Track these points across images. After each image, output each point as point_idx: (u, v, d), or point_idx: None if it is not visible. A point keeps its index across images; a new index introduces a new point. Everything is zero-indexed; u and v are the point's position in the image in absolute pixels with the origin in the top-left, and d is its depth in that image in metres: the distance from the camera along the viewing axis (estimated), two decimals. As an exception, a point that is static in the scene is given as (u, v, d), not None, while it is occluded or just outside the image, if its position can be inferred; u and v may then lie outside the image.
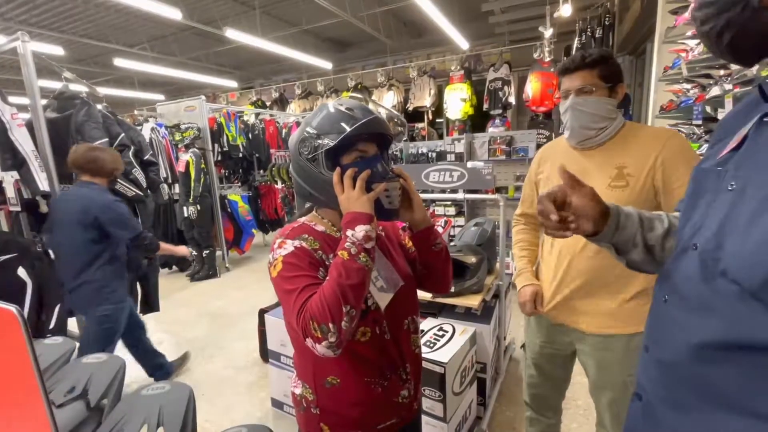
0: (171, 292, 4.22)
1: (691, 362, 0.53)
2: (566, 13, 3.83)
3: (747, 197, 0.49)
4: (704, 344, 0.51)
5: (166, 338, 3.20)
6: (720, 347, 0.49)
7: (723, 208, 0.52)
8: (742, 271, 0.47)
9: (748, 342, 0.46)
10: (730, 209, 0.51)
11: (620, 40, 5.42)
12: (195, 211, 4.31)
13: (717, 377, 0.50)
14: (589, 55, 1.14)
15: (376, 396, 0.91)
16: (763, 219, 0.46)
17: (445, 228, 2.42)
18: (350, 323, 0.75)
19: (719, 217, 0.52)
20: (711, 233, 0.53)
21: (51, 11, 5.78)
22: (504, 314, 2.25)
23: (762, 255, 0.45)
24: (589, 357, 1.26)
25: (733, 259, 0.49)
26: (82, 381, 1.15)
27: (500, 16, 5.92)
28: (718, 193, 0.54)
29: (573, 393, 2.14)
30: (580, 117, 1.15)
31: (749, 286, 0.46)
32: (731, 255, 0.49)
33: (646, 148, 1.12)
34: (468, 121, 6.59)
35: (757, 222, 0.46)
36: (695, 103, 2.13)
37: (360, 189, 0.81)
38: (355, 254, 0.77)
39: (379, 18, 6.46)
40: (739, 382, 0.48)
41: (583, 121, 1.15)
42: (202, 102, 4.71)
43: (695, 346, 0.52)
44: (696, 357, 0.52)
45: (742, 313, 0.47)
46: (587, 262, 1.19)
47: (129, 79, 9.30)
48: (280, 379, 2.13)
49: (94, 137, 2.41)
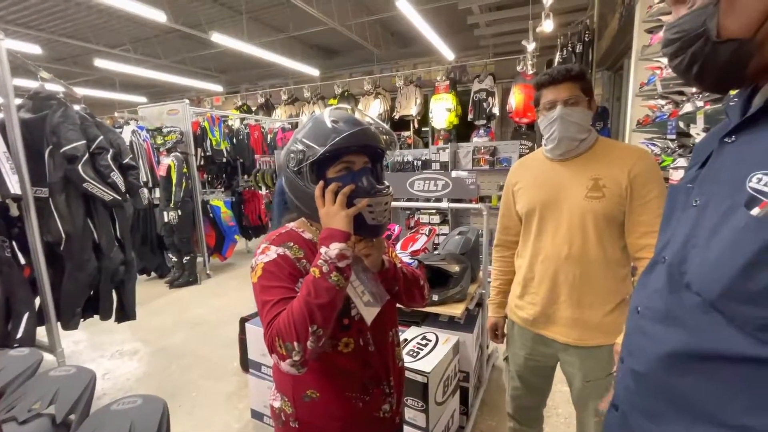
0: (148, 299, 4.10)
1: (662, 373, 0.54)
2: (548, 28, 3.94)
3: (708, 213, 0.52)
4: (672, 354, 0.53)
5: (140, 347, 3.10)
6: (686, 358, 0.51)
7: (688, 223, 0.55)
8: (703, 284, 0.49)
9: (711, 352, 0.48)
10: (694, 224, 0.53)
11: (599, 55, 5.62)
12: (176, 216, 4.22)
13: (686, 388, 0.51)
14: (572, 68, 1.18)
15: (356, 411, 0.89)
16: (722, 233, 0.48)
17: (430, 236, 2.44)
18: (316, 343, 0.73)
19: (685, 232, 0.55)
20: (678, 247, 0.55)
21: (29, 9, 5.61)
22: (487, 323, 2.26)
23: (720, 268, 0.47)
24: (573, 368, 1.27)
25: (695, 272, 0.51)
26: (49, 395, 1.10)
27: (485, 29, 6.05)
28: (685, 209, 0.57)
29: (554, 402, 2.16)
30: (569, 127, 1.17)
31: (710, 297, 0.48)
32: (694, 268, 0.51)
33: (619, 162, 1.16)
34: (453, 130, 6.68)
35: (717, 236, 0.49)
36: (669, 118, 2.21)
37: (340, 205, 0.79)
38: (326, 273, 0.75)
39: (366, 27, 6.52)
40: (707, 392, 0.49)
41: (571, 131, 1.18)
42: (186, 105, 4.63)
43: (664, 356, 0.54)
44: (666, 367, 0.54)
45: (705, 324, 0.49)
46: (572, 273, 1.20)
47: (110, 81, 9.08)
48: (261, 390, 2.08)
49: (71, 139, 2.33)
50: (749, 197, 0.46)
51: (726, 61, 0.51)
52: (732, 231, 0.47)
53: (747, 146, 0.51)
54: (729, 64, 0.51)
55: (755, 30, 0.48)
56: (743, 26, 0.48)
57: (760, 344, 0.44)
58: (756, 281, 0.43)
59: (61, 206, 2.32)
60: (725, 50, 0.50)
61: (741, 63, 0.51)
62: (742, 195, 0.47)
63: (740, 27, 0.49)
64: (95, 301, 2.57)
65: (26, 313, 2.16)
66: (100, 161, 2.45)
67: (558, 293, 1.24)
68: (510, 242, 1.43)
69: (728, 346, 0.46)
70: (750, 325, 0.45)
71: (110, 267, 2.53)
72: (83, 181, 2.32)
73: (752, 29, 0.48)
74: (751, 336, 0.44)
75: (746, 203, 0.46)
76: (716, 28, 0.50)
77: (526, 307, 1.32)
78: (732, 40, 0.49)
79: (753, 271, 0.44)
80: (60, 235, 2.30)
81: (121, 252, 2.61)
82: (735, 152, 0.53)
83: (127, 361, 2.90)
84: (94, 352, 3.04)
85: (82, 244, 2.39)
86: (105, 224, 2.52)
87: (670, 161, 2.23)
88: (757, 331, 0.44)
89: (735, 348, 0.46)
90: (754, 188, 0.46)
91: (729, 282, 0.46)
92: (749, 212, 0.45)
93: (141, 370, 2.77)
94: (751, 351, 0.44)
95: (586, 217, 1.17)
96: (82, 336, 3.23)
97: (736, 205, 0.47)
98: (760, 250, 0.43)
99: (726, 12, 0.49)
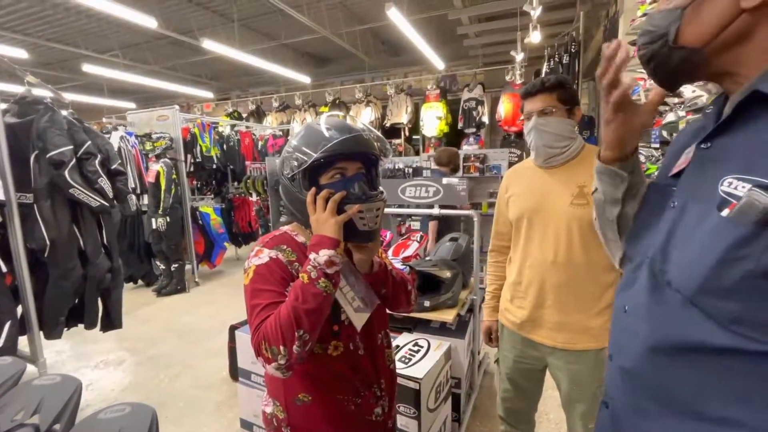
0: (135, 307, 4.01)
1: (648, 368, 0.57)
2: (536, 39, 4.03)
3: (686, 215, 0.55)
4: (656, 349, 0.55)
5: (126, 357, 3.03)
6: (669, 352, 0.54)
7: (668, 223, 0.58)
8: (682, 281, 0.52)
9: (692, 345, 0.51)
10: (673, 225, 0.57)
11: (585, 66, 5.76)
12: (164, 223, 4.16)
13: (670, 382, 0.54)
14: (548, 80, 1.22)
15: (349, 414, 0.89)
16: (697, 234, 0.51)
17: (421, 243, 2.45)
18: (302, 348, 0.74)
19: (665, 232, 0.58)
20: (659, 247, 0.58)
21: (17, 13, 5.54)
22: (478, 329, 2.27)
23: (696, 265, 0.50)
24: (560, 371, 1.29)
25: (675, 269, 0.54)
26: (32, 405, 1.07)
27: (474, 39, 6.17)
28: (664, 210, 0.60)
29: (545, 407, 2.17)
30: (543, 136, 1.22)
31: (688, 294, 0.51)
32: (674, 266, 0.54)
33: None
34: (443, 138, 6.76)
35: (693, 236, 0.52)
36: (653, 127, 2.27)
37: (330, 211, 0.79)
38: (314, 278, 0.75)
39: (358, 36, 6.59)
40: (689, 386, 0.52)
41: (546, 140, 1.22)
42: (176, 112, 4.60)
43: (648, 351, 0.56)
44: (651, 362, 0.56)
45: (685, 318, 0.52)
46: (558, 278, 1.23)
47: (98, 86, 8.97)
48: (250, 399, 2.05)
49: (57, 144, 2.29)
50: (721, 200, 0.49)
51: (675, 66, 0.56)
52: (706, 232, 0.50)
53: (721, 152, 0.54)
54: (678, 68, 0.56)
55: (706, 43, 0.53)
56: (697, 37, 0.53)
57: (734, 335, 0.47)
58: (727, 277, 0.47)
59: (47, 212, 2.27)
60: (677, 55, 0.55)
61: (689, 69, 0.56)
62: (715, 198, 0.50)
63: (695, 37, 0.53)
64: (80, 309, 2.50)
65: (8, 322, 2.09)
66: (87, 167, 2.41)
67: (545, 297, 1.26)
68: (503, 248, 1.46)
69: (706, 338, 0.49)
70: (724, 317, 0.48)
71: (96, 274, 2.48)
72: (70, 186, 2.28)
73: (704, 42, 0.53)
74: (726, 329, 0.48)
75: (718, 205, 0.49)
76: (675, 33, 0.54)
77: (515, 310, 1.35)
78: (684, 47, 0.54)
79: (724, 268, 0.47)
80: (44, 242, 2.25)
81: (107, 259, 2.56)
82: (710, 157, 0.56)
83: (113, 371, 2.83)
84: (78, 362, 2.96)
85: (68, 251, 2.34)
86: (91, 231, 2.47)
87: (654, 169, 2.28)
88: (730, 323, 0.47)
89: (712, 340, 0.49)
90: (725, 191, 0.49)
91: (704, 279, 0.49)
92: (720, 214, 0.48)
93: (127, 380, 2.70)
94: (726, 342, 0.48)
95: (572, 224, 1.20)
96: (65, 346, 3.14)
97: (710, 208, 0.50)
98: (728, 248, 0.46)
99: (688, 20, 0.53)
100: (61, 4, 5.27)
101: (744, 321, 0.46)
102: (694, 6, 0.52)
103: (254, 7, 5.60)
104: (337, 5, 5.63)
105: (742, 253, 0.45)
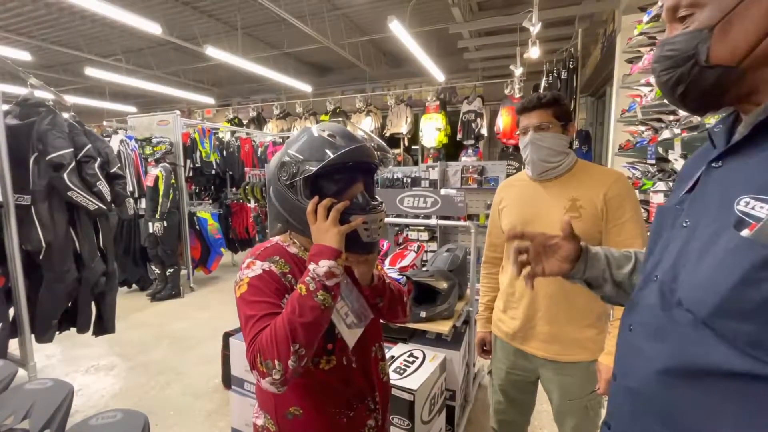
0: (129, 312, 3.97)
1: (655, 390, 0.55)
2: (534, 54, 4.10)
3: (698, 234, 0.54)
4: (664, 371, 0.53)
5: (118, 362, 2.99)
6: (679, 374, 0.52)
7: (678, 243, 0.57)
8: (694, 301, 0.51)
9: (703, 367, 0.49)
10: (684, 244, 0.56)
11: (583, 82, 5.85)
12: (161, 227, 4.14)
13: (679, 405, 0.52)
14: (544, 96, 1.25)
15: (341, 427, 0.88)
16: (710, 254, 0.50)
17: (418, 253, 2.46)
18: (298, 362, 0.71)
19: (675, 252, 0.57)
20: (669, 266, 0.57)
21: (22, 15, 5.59)
22: (474, 340, 2.26)
23: (711, 286, 0.49)
24: (552, 383, 1.29)
25: (686, 289, 0.53)
26: (23, 409, 1.05)
27: (474, 53, 6.26)
28: (674, 229, 0.59)
29: (539, 421, 2.16)
30: (539, 150, 1.24)
31: (701, 314, 0.49)
32: (685, 286, 0.53)
33: (595, 184, 1.22)
34: (442, 149, 6.82)
35: (706, 256, 0.51)
36: (649, 144, 2.31)
37: (332, 221, 0.77)
38: (313, 290, 0.73)
39: (359, 46, 6.67)
40: (699, 410, 0.50)
41: (541, 155, 1.25)
42: (177, 117, 4.62)
43: (657, 372, 0.54)
44: (658, 384, 0.54)
45: (696, 339, 0.50)
46: (549, 289, 1.24)
47: (100, 89, 9.01)
48: (243, 408, 2.02)
49: (57, 146, 2.30)
50: (737, 219, 0.48)
51: (710, 85, 0.54)
52: (722, 251, 0.49)
53: (733, 172, 0.54)
54: (712, 88, 0.55)
55: (741, 59, 0.52)
56: (731, 55, 0.52)
57: (750, 359, 0.45)
58: (748, 298, 0.45)
59: (44, 215, 2.26)
60: (711, 75, 0.54)
61: (723, 88, 0.54)
62: (730, 217, 0.49)
63: (729, 55, 0.52)
64: (73, 312, 2.48)
65: (-1, 325, 2.08)
66: (87, 170, 2.42)
67: (536, 309, 1.27)
68: (497, 259, 1.47)
69: (719, 361, 0.48)
70: (740, 340, 0.46)
71: (91, 278, 2.47)
72: (68, 189, 2.28)
73: (739, 58, 0.52)
74: (741, 351, 0.46)
75: (735, 225, 0.48)
76: (707, 52, 0.53)
77: (508, 321, 1.36)
78: (719, 66, 0.53)
79: (745, 289, 0.45)
80: (40, 245, 2.24)
81: (102, 263, 2.54)
82: (722, 177, 0.55)
83: (103, 377, 2.79)
84: (68, 367, 2.91)
85: (63, 253, 2.33)
86: (88, 234, 2.46)
87: (650, 185, 2.31)
88: (746, 346, 0.46)
89: (725, 363, 0.47)
90: (741, 211, 0.48)
91: (720, 300, 0.47)
92: (739, 233, 0.47)
93: (117, 386, 2.66)
94: (740, 366, 0.46)
95: None
96: (55, 349, 3.10)
97: (725, 227, 0.49)
98: (752, 269, 0.45)
99: (718, 39, 0.52)
100: (67, 9, 5.32)
101: (762, 344, 0.45)
102: (723, 24, 0.52)
103: (258, 16, 5.68)
104: (340, 16, 5.72)
105: (765, 274, 0.44)
